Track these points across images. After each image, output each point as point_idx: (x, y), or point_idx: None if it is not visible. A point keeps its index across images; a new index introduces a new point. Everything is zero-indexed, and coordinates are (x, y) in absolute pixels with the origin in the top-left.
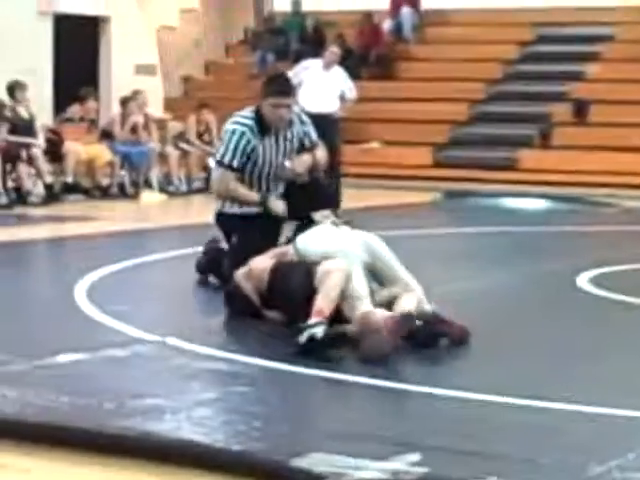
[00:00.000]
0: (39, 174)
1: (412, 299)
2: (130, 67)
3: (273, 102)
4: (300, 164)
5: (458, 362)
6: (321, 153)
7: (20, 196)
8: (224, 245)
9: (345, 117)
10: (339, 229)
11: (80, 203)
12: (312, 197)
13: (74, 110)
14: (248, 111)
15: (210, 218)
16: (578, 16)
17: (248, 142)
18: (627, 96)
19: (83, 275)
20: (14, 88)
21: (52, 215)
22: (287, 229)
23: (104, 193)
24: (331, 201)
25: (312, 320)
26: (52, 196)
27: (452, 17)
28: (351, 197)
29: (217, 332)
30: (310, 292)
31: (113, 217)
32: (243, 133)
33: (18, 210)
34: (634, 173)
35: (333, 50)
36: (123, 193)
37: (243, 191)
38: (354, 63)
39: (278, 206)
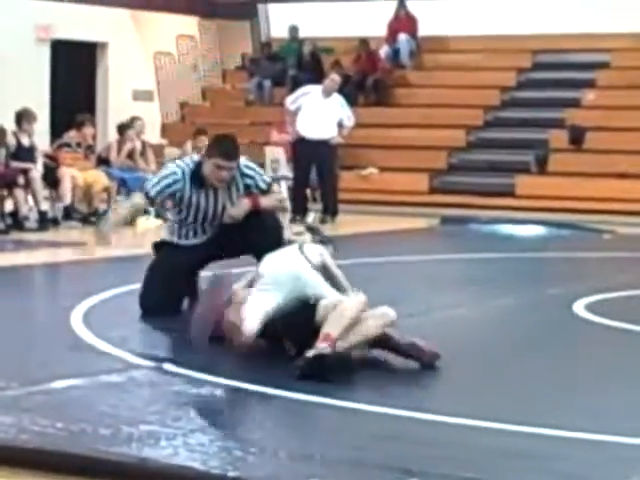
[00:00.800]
0: (35, 199)
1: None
2: (127, 93)
3: (217, 163)
4: (237, 209)
5: (455, 388)
6: (267, 200)
7: (17, 221)
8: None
9: (342, 143)
10: (296, 251)
11: (76, 229)
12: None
13: (71, 135)
14: (190, 160)
15: None
16: (575, 43)
17: (174, 182)
18: (622, 123)
19: (79, 300)
20: (22, 116)
21: (48, 240)
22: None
23: (101, 219)
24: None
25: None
26: (47, 221)
27: (449, 44)
28: (348, 223)
29: (213, 358)
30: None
31: (109, 243)
32: (175, 174)
33: (14, 235)
34: (630, 200)
35: (333, 78)
36: None
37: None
38: (351, 89)
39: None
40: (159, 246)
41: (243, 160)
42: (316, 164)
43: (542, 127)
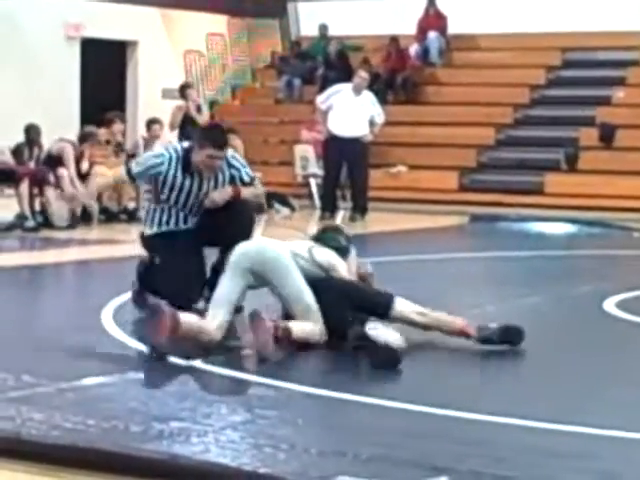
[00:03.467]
0: (64, 197)
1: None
2: (157, 91)
3: (209, 153)
4: (219, 194)
5: (485, 386)
6: (247, 191)
7: (46, 219)
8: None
9: (372, 141)
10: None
11: (106, 226)
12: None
13: (101, 132)
14: (179, 146)
15: None
16: (605, 41)
17: (159, 164)
18: None
19: (110, 298)
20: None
21: (78, 238)
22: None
23: (130, 216)
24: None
25: None
26: (78, 219)
27: (479, 42)
28: (377, 221)
29: (243, 355)
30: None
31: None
32: (162, 155)
33: (44, 233)
34: None
35: (361, 75)
36: None
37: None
38: (380, 87)
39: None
40: (150, 246)
41: (230, 151)
42: (347, 162)
43: (572, 125)
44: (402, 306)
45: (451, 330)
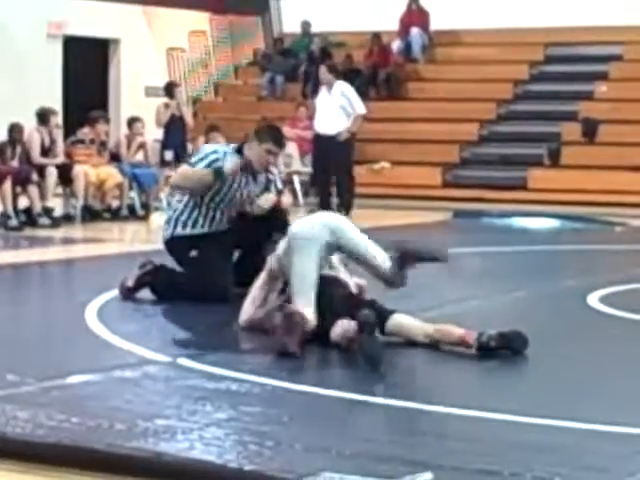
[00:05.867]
0: (44, 196)
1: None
2: (140, 89)
3: (269, 148)
4: (266, 200)
5: (470, 381)
6: (287, 199)
7: (30, 218)
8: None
9: (355, 138)
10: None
11: (90, 225)
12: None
13: (84, 132)
14: (229, 146)
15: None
16: (587, 36)
17: (216, 160)
18: (635, 115)
19: (94, 296)
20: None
21: (62, 237)
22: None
23: (114, 215)
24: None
25: None
26: (58, 218)
27: (461, 37)
28: (361, 217)
29: (228, 352)
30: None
31: (123, 239)
32: (216, 152)
33: (28, 232)
34: None
35: (320, 70)
36: (133, 215)
37: (196, 169)
38: (363, 83)
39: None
40: (178, 244)
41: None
42: (330, 160)
43: (555, 120)
44: (400, 320)
45: (451, 340)
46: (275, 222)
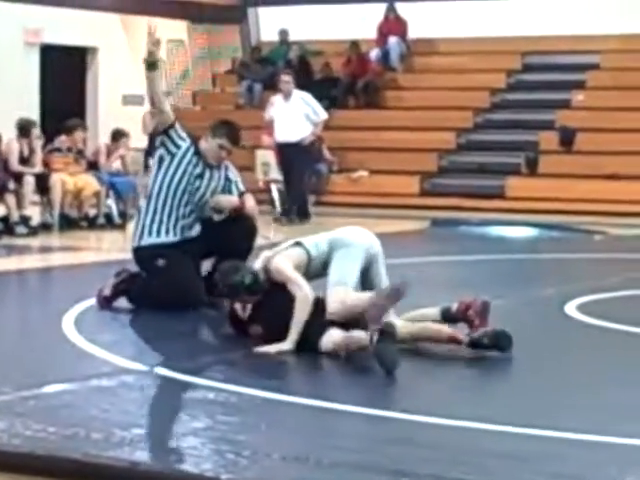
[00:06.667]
0: (21, 204)
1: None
2: (118, 97)
3: (222, 144)
4: (227, 201)
5: (446, 390)
6: (250, 203)
7: (7, 226)
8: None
9: (332, 146)
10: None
11: (67, 233)
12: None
13: (62, 140)
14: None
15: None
16: (564, 44)
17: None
18: (612, 124)
19: (71, 305)
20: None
21: (39, 246)
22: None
23: (91, 223)
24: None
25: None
26: (35, 227)
27: (439, 46)
28: (338, 226)
29: (205, 361)
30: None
31: (100, 247)
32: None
33: (5, 240)
34: (620, 201)
35: (283, 79)
36: (110, 223)
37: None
38: (341, 92)
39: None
40: (146, 252)
41: (227, 161)
42: (293, 166)
43: (532, 129)
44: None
45: (440, 338)
46: (242, 227)
